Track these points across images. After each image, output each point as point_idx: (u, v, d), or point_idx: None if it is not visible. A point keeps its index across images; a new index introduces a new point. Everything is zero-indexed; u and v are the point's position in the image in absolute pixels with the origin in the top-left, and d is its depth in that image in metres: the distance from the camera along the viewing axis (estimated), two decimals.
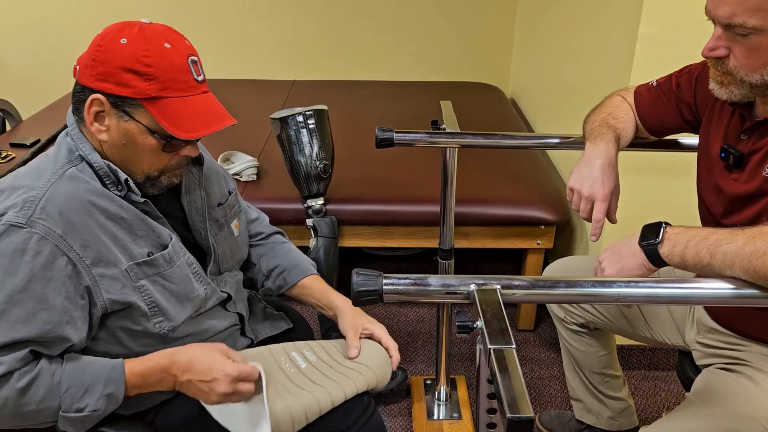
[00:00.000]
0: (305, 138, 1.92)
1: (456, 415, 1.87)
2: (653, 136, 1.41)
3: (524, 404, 0.66)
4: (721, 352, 1.26)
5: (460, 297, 0.87)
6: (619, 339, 1.62)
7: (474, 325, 0.81)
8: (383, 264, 2.69)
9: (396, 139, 1.52)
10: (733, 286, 0.90)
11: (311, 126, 1.91)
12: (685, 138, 1.45)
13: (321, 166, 1.93)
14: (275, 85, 3.31)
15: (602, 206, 1.20)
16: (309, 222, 2.01)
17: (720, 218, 1.20)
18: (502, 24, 3.40)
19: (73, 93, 1.05)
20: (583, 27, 2.22)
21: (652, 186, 1.88)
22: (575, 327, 1.55)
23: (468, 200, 2.07)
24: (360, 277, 0.87)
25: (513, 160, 2.38)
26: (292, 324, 1.39)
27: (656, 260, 1.01)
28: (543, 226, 2.11)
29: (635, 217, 1.89)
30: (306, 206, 2.02)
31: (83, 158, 1.05)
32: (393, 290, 0.87)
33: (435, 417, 1.87)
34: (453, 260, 1.72)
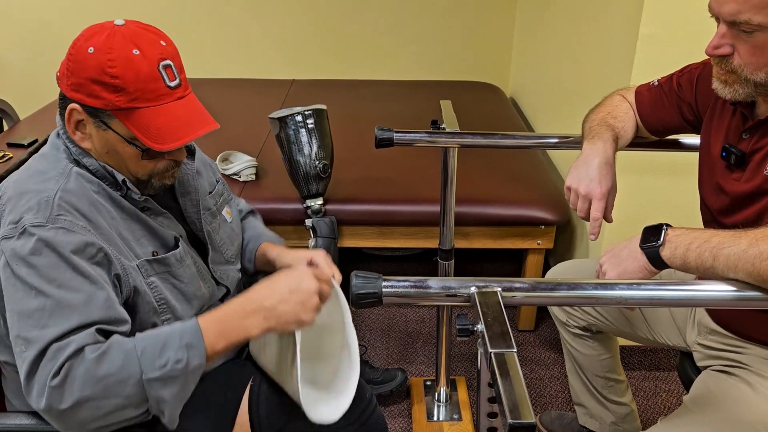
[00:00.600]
0: (304, 138, 1.91)
1: (456, 417, 1.86)
2: (654, 136, 1.40)
3: (526, 409, 0.65)
4: (722, 354, 1.25)
5: (461, 300, 0.86)
6: (620, 340, 1.62)
7: (475, 329, 0.80)
8: (383, 264, 2.68)
9: (395, 139, 1.52)
10: (736, 289, 0.90)
11: (310, 126, 1.91)
12: (686, 138, 1.44)
13: (320, 166, 1.93)
14: (274, 85, 3.29)
15: (599, 205, 1.20)
16: (308, 222, 2.00)
17: (721, 218, 1.20)
18: (502, 23, 3.39)
19: (58, 99, 1.06)
20: (584, 26, 2.21)
21: (653, 186, 1.87)
22: (578, 330, 1.54)
23: (468, 200, 2.07)
24: (359, 280, 0.86)
25: (513, 160, 2.37)
26: None
27: (658, 263, 1.00)
28: (543, 226, 2.10)
29: (636, 217, 1.89)
30: (305, 206, 2.01)
31: (79, 162, 1.05)
32: (392, 293, 0.86)
33: (435, 418, 1.86)
34: (453, 260, 1.72)
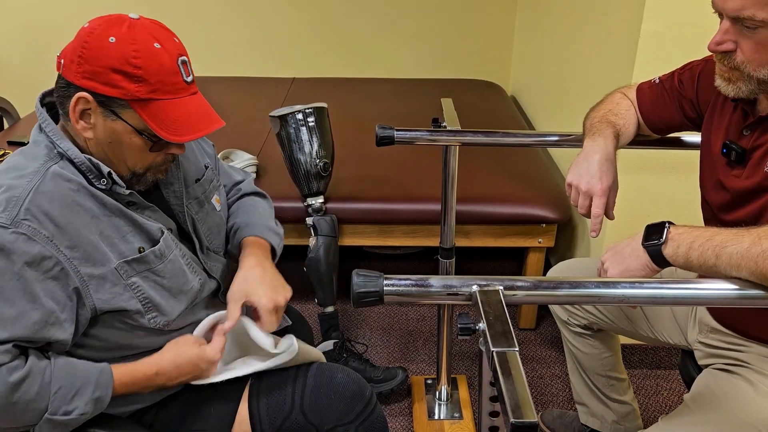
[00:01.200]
0: (305, 136, 1.90)
1: (457, 415, 1.86)
2: (655, 134, 1.40)
3: (528, 409, 0.65)
4: (723, 353, 1.25)
5: (462, 298, 0.85)
6: (621, 338, 1.61)
7: (476, 327, 0.79)
8: (383, 263, 2.68)
9: (396, 137, 1.51)
10: (738, 287, 0.89)
11: (311, 124, 1.90)
12: (688, 136, 1.44)
13: (321, 165, 1.92)
14: (275, 83, 3.29)
15: (600, 201, 1.19)
16: (309, 220, 2.00)
17: (722, 214, 1.19)
18: (503, 21, 3.38)
19: (58, 87, 1.03)
20: (585, 24, 2.20)
21: (655, 184, 1.87)
22: (579, 329, 1.54)
23: (469, 198, 2.06)
24: (360, 278, 0.85)
25: (514, 158, 2.37)
26: (291, 322, 1.38)
27: (660, 261, 1.00)
28: (544, 225, 2.10)
29: (637, 215, 1.89)
30: (306, 205, 2.01)
31: (63, 155, 1.03)
32: (394, 291, 0.85)
33: (436, 417, 1.86)
34: (454, 259, 1.71)
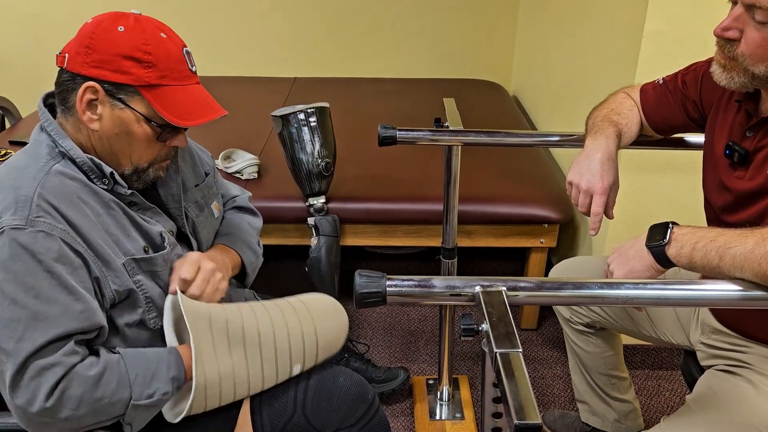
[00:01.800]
0: (307, 136, 1.90)
1: (459, 416, 1.86)
2: (658, 135, 1.40)
3: (531, 410, 0.65)
4: (725, 354, 1.25)
5: (465, 299, 0.85)
6: (624, 338, 1.61)
7: (479, 328, 0.79)
8: (385, 263, 2.68)
9: (399, 137, 1.51)
10: (741, 288, 0.89)
11: (313, 124, 1.90)
12: (691, 136, 1.44)
13: (323, 164, 1.92)
14: (276, 83, 3.29)
15: (600, 200, 1.19)
16: (310, 220, 2.00)
17: (725, 216, 1.19)
18: (505, 20, 3.38)
19: (59, 83, 1.03)
20: (587, 23, 2.20)
21: (658, 184, 1.87)
22: (581, 327, 1.54)
23: (471, 199, 2.06)
24: (363, 279, 0.85)
25: (516, 158, 2.37)
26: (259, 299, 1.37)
27: (664, 261, 1.00)
28: (546, 225, 2.10)
29: (640, 216, 1.89)
30: (307, 204, 2.01)
31: (64, 154, 1.03)
32: (396, 292, 0.85)
33: (437, 417, 1.86)
34: (456, 259, 1.71)
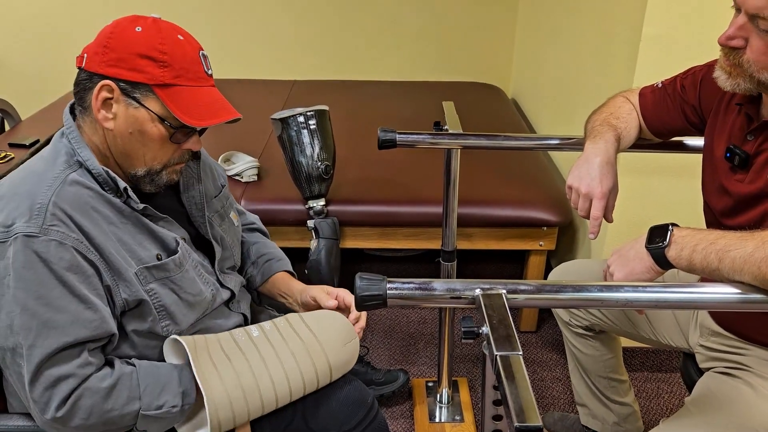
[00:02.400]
0: (306, 139, 1.90)
1: (458, 418, 1.86)
2: (658, 138, 1.40)
3: (532, 413, 0.65)
4: (724, 356, 1.25)
5: (465, 302, 0.85)
6: (623, 341, 1.62)
7: (479, 331, 0.79)
8: (385, 265, 2.68)
9: (398, 140, 1.51)
10: (740, 291, 0.89)
11: (312, 127, 1.90)
12: (690, 139, 1.44)
13: (322, 167, 1.92)
14: (276, 85, 3.29)
15: (600, 204, 1.19)
16: (310, 223, 2.00)
17: (724, 219, 1.20)
18: (504, 24, 3.39)
19: (77, 82, 1.04)
20: (586, 27, 2.21)
21: (657, 187, 1.87)
22: (580, 330, 1.54)
23: (470, 201, 2.06)
24: (364, 282, 0.85)
25: (515, 161, 2.37)
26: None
27: (663, 263, 1.00)
28: (545, 228, 2.10)
29: (639, 219, 1.89)
30: (307, 207, 2.01)
31: (81, 164, 1.04)
32: (397, 295, 0.86)
33: (437, 420, 1.86)
34: (455, 262, 1.71)
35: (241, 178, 2.20)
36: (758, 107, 1.13)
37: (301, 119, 1.90)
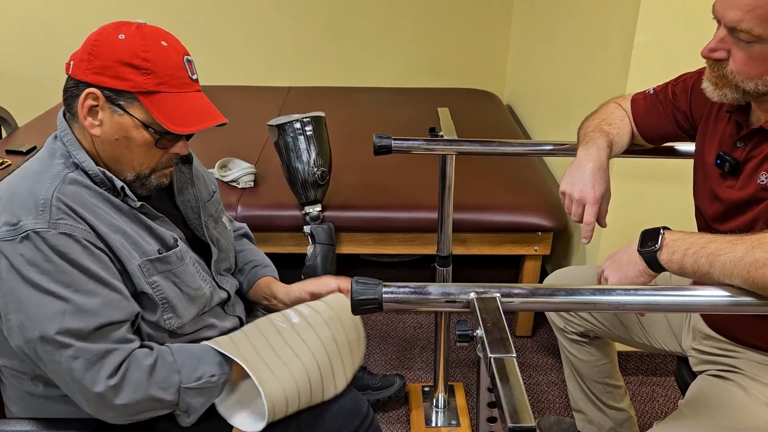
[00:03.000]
0: (302, 145, 1.92)
1: (454, 422, 1.86)
2: (650, 144, 1.42)
3: (525, 414, 0.66)
4: (716, 359, 1.26)
5: (460, 305, 0.87)
6: (617, 346, 1.62)
7: (474, 334, 0.80)
8: (381, 271, 2.69)
9: (394, 147, 1.52)
10: (730, 294, 0.91)
11: (308, 133, 1.92)
12: (682, 145, 1.46)
13: (318, 173, 1.93)
14: (272, 92, 3.31)
15: (592, 209, 1.21)
16: (306, 229, 2.01)
17: (716, 224, 1.21)
18: (499, 30, 3.41)
19: (65, 89, 1.05)
20: (579, 34, 2.23)
21: (650, 192, 1.89)
22: (575, 336, 1.55)
23: (465, 207, 2.08)
24: (359, 286, 0.86)
25: (510, 167, 2.39)
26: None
27: (656, 266, 1.02)
28: (540, 233, 2.11)
29: (632, 224, 1.90)
30: (303, 213, 2.02)
31: (78, 165, 1.05)
32: (392, 299, 0.87)
33: (433, 424, 1.86)
34: (451, 267, 1.72)
35: (238, 185, 2.20)
36: (747, 115, 1.15)
37: (298, 125, 1.91)
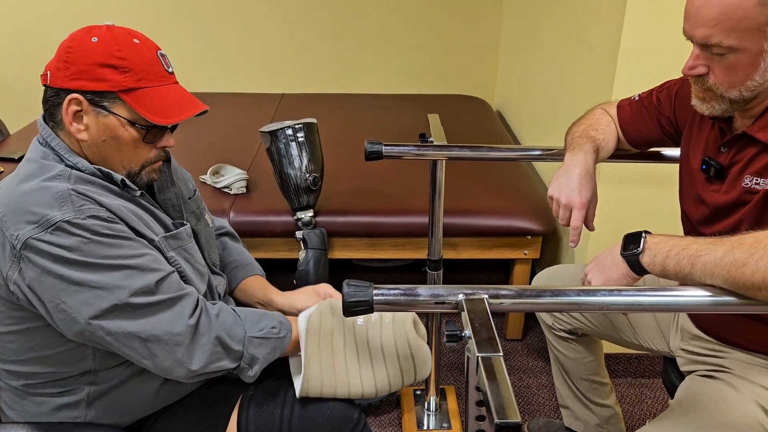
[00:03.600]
0: (295, 151, 1.93)
1: (446, 425, 1.88)
2: (635, 149, 1.44)
3: (511, 410, 0.68)
4: (704, 359, 1.28)
5: (449, 307, 0.88)
6: (606, 347, 1.64)
7: (462, 334, 0.82)
8: (372, 275, 2.70)
9: (385, 152, 1.54)
10: (712, 294, 0.92)
11: (300, 139, 1.93)
12: (667, 150, 1.48)
13: (310, 179, 1.95)
14: (264, 99, 3.32)
15: (579, 214, 1.23)
16: (299, 234, 2.02)
17: (701, 228, 1.23)
18: (488, 37, 3.44)
19: (45, 100, 1.07)
20: (568, 40, 2.26)
21: (637, 196, 1.91)
22: (563, 334, 1.57)
23: (456, 211, 2.10)
24: (350, 288, 0.88)
25: (500, 172, 2.41)
26: None
27: (638, 269, 1.04)
28: (530, 237, 2.14)
29: (619, 227, 1.92)
30: (296, 218, 2.04)
31: (73, 167, 1.06)
32: (383, 300, 0.88)
33: (425, 427, 1.88)
34: (441, 271, 1.74)
35: (230, 191, 2.22)
36: (730, 121, 1.17)
37: (290, 132, 1.92)
